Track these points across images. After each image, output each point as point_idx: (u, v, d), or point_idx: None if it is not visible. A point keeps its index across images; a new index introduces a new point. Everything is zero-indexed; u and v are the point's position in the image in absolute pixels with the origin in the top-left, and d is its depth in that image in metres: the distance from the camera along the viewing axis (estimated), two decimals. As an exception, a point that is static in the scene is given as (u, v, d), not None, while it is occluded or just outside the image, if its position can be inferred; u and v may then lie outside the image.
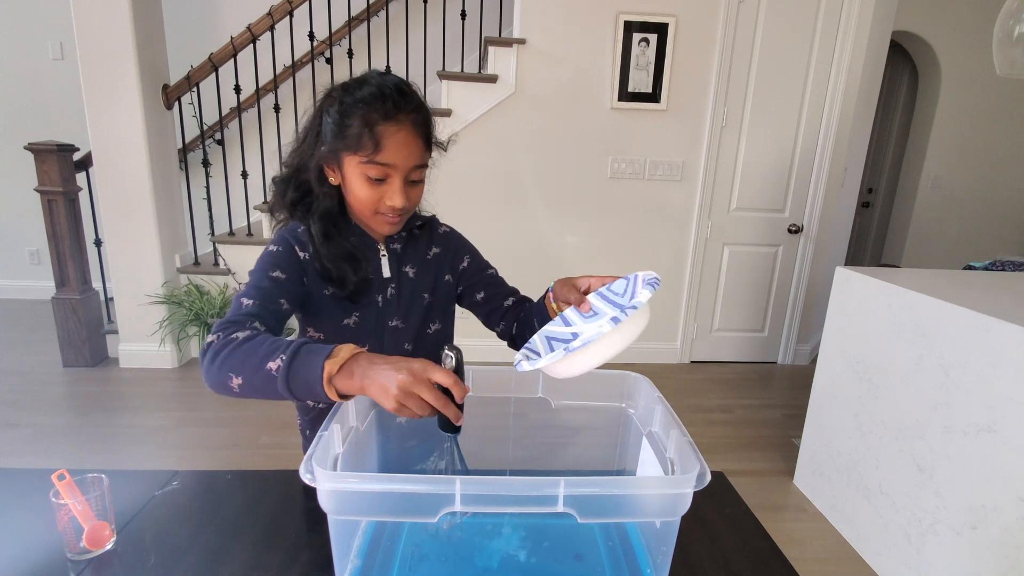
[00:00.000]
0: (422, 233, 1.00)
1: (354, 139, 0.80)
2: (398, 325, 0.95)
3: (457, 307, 1.07)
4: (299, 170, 0.89)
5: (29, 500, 0.82)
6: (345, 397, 0.65)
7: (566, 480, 0.56)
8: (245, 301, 0.78)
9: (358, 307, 0.91)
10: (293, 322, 0.92)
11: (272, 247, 0.88)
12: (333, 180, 0.87)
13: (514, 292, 1.04)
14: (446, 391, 0.63)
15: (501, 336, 1.03)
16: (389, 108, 0.79)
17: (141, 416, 2.50)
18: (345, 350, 0.65)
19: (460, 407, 0.64)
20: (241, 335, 0.70)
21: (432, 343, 1.00)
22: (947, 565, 1.49)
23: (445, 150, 0.92)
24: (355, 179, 0.83)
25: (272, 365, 0.65)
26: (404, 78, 0.86)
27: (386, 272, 0.94)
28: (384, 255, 0.94)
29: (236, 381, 0.68)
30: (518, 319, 1.00)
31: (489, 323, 1.04)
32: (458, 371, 0.66)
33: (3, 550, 0.74)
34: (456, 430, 0.67)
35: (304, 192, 0.89)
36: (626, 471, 0.86)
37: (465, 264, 1.03)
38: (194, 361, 3.08)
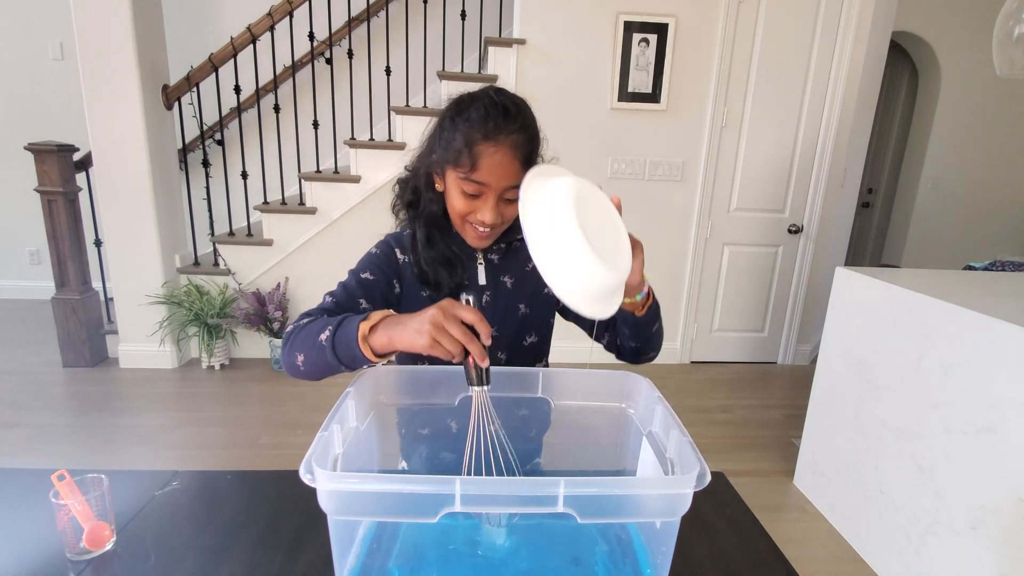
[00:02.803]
0: (523, 246, 0.99)
1: (454, 155, 0.83)
2: (493, 333, 0.95)
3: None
4: (416, 174, 0.94)
5: (29, 500, 0.82)
6: (380, 356, 0.71)
7: (566, 480, 0.56)
8: (328, 298, 0.86)
9: None
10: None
11: (373, 249, 0.95)
12: (439, 187, 0.91)
13: None
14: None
15: (608, 348, 1.01)
16: (490, 129, 0.81)
17: (141, 416, 2.50)
18: (379, 314, 0.72)
19: (485, 349, 0.66)
20: (306, 320, 0.78)
21: (528, 355, 1.01)
22: (947, 565, 1.49)
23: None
24: (452, 191, 0.86)
25: (323, 337, 0.73)
26: (517, 97, 0.86)
27: (482, 280, 0.95)
28: (481, 263, 0.96)
29: (300, 359, 0.75)
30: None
31: (596, 335, 1.03)
32: None
33: (3, 550, 0.74)
34: (484, 380, 0.68)
35: (420, 195, 0.94)
36: (626, 471, 0.86)
37: None
38: (194, 361, 3.08)
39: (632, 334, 0.92)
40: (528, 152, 0.85)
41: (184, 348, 3.06)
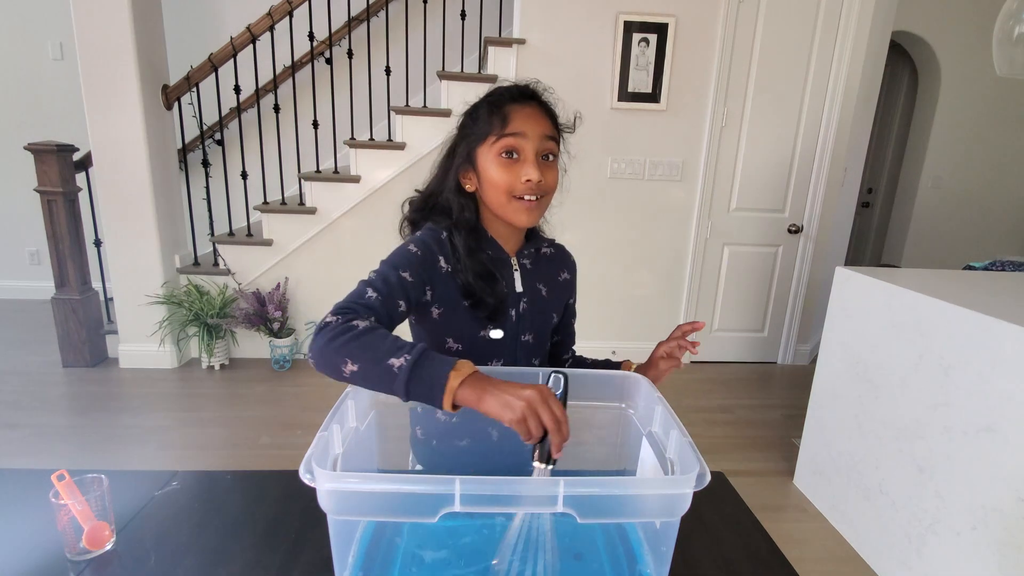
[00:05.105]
0: (553, 256, 1.02)
1: (484, 126, 0.85)
2: (529, 340, 0.95)
3: None
4: (439, 190, 0.92)
5: (29, 500, 0.82)
6: (455, 408, 0.67)
7: (566, 480, 0.56)
8: (370, 292, 0.79)
9: (495, 322, 0.91)
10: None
11: (412, 247, 0.87)
12: (469, 187, 0.89)
13: (572, 351, 1.10)
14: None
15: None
16: (515, 92, 0.87)
17: (141, 416, 2.50)
18: (466, 366, 0.68)
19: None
20: (362, 325, 0.72)
21: (551, 356, 1.05)
22: (947, 565, 1.49)
23: (572, 131, 0.96)
24: (490, 165, 0.85)
25: (395, 362, 0.67)
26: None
27: (518, 287, 0.94)
28: (516, 269, 0.94)
29: (350, 367, 0.69)
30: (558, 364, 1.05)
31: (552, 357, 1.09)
32: (563, 397, 0.70)
33: (3, 550, 0.74)
34: (552, 461, 0.68)
35: (426, 211, 0.93)
36: (626, 471, 0.86)
37: (570, 302, 1.07)
38: (194, 361, 3.08)
39: (583, 365, 1.01)
40: (552, 118, 0.90)
41: (184, 348, 3.06)
